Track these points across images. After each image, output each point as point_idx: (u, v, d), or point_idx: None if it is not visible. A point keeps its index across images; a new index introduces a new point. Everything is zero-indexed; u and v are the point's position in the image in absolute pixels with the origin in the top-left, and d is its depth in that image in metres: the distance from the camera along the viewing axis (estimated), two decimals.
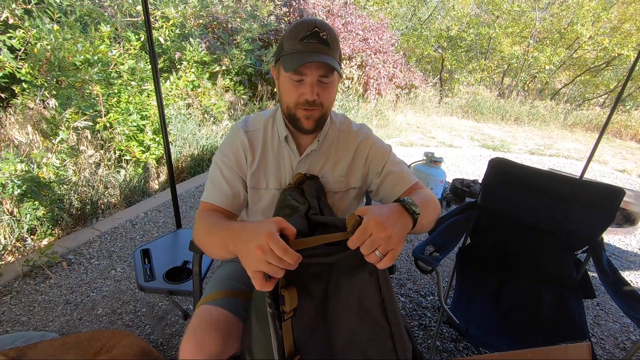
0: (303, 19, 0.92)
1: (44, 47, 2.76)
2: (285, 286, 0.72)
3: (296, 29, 0.88)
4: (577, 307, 1.48)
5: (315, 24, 0.88)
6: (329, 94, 0.94)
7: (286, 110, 0.96)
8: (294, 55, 0.88)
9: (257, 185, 1.03)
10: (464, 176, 4.18)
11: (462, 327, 1.38)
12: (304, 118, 0.94)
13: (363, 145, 1.06)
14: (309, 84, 0.89)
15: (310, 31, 0.87)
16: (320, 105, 0.93)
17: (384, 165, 1.05)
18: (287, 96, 0.93)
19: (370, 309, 0.74)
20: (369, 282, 0.74)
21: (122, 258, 2.21)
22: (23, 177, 2.12)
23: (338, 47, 0.93)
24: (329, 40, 0.89)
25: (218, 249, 0.83)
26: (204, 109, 4.21)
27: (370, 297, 0.74)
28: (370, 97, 6.70)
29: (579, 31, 8.80)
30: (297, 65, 0.86)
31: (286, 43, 0.90)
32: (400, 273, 2.33)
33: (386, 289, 0.74)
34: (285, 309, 0.71)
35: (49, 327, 1.68)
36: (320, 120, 0.96)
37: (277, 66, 0.95)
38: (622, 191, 1.42)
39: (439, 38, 9.90)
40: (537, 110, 8.44)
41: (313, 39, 0.87)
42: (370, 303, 0.74)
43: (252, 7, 4.87)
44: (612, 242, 3.10)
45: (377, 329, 0.74)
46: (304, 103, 0.91)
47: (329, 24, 0.92)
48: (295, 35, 0.88)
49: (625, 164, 5.87)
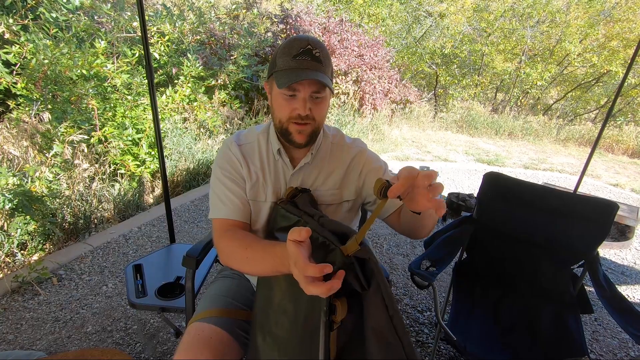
0: (296, 36, 0.94)
1: (40, 62, 2.77)
2: (337, 296, 0.72)
3: (289, 46, 0.90)
4: (576, 323, 1.47)
5: (308, 41, 0.90)
6: (321, 109, 0.95)
7: (278, 124, 0.96)
8: (287, 72, 0.89)
9: (256, 198, 1.03)
10: (459, 190, 4.19)
11: (460, 344, 1.35)
12: (296, 132, 0.94)
13: (357, 159, 1.06)
14: (302, 99, 0.90)
15: (303, 48, 0.89)
16: (313, 120, 0.93)
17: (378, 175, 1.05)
18: (279, 111, 0.94)
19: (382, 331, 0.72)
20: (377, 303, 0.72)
21: (114, 273, 2.17)
22: (15, 191, 2.09)
23: (330, 64, 0.95)
24: (321, 58, 0.90)
25: (262, 269, 0.82)
26: (200, 123, 4.22)
27: (380, 318, 0.72)
28: (366, 111, 6.77)
29: (568, 48, 9.03)
30: (291, 82, 0.87)
31: (279, 60, 0.91)
32: (397, 288, 2.31)
33: (391, 305, 0.72)
34: (336, 319, 0.71)
35: (36, 346, 1.63)
36: (313, 135, 0.97)
37: (270, 82, 0.96)
38: (616, 205, 1.43)
39: (433, 55, 10.10)
40: (530, 125, 8.57)
41: (306, 56, 0.89)
42: (381, 325, 0.72)
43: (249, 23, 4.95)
44: (607, 256, 3.10)
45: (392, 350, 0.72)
46: (296, 117, 0.92)
47: (320, 42, 0.94)
48: (288, 52, 0.89)
49: (618, 178, 5.93)
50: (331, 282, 0.59)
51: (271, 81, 0.95)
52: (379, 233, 3.03)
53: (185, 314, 1.16)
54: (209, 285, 1.18)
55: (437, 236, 1.62)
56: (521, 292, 1.59)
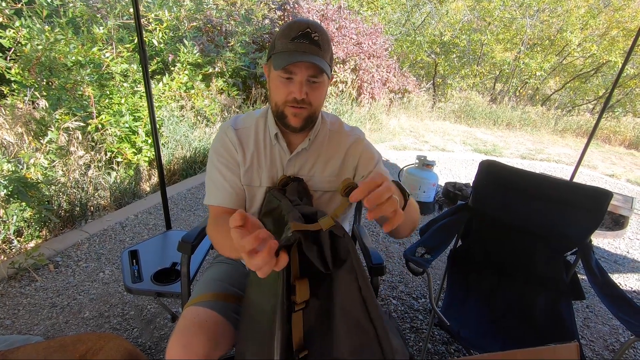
0: (296, 19, 0.93)
1: (34, 48, 2.73)
2: (298, 277, 0.71)
3: (289, 28, 0.89)
4: (568, 309, 1.49)
5: (308, 24, 0.89)
6: (319, 94, 0.94)
7: (275, 107, 0.96)
8: (284, 54, 0.88)
9: (251, 183, 1.03)
10: (456, 180, 4.21)
11: (453, 329, 1.38)
12: (291, 115, 0.94)
13: (354, 147, 1.06)
14: (298, 83, 0.90)
15: (302, 31, 0.88)
16: (309, 105, 0.93)
17: (370, 172, 1.06)
18: (276, 93, 0.94)
19: (352, 310, 0.71)
20: (350, 282, 0.71)
21: (110, 260, 2.18)
22: (10, 177, 2.08)
23: (329, 48, 0.93)
24: (320, 42, 0.89)
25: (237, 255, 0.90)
26: (197, 111, 4.18)
27: (351, 298, 0.71)
28: (364, 101, 6.73)
29: (568, 38, 8.96)
30: (287, 64, 0.86)
31: (278, 42, 0.90)
32: (392, 275, 2.33)
33: (366, 288, 0.71)
34: (296, 300, 0.70)
35: (33, 331, 1.64)
36: (309, 119, 0.96)
37: (269, 64, 0.95)
38: (609, 193, 1.44)
39: (432, 44, 10.02)
40: (529, 116, 8.56)
41: (304, 40, 0.88)
42: (352, 304, 0.71)
43: (247, 10, 4.87)
44: (601, 245, 3.14)
45: (362, 332, 0.70)
46: (292, 101, 0.92)
47: (321, 26, 0.92)
48: (287, 35, 0.89)
49: (614, 168, 5.96)
50: (265, 251, 0.55)
51: (269, 63, 0.94)
52: (375, 222, 3.04)
53: (181, 299, 1.17)
54: (205, 270, 1.18)
55: (432, 224, 1.63)
56: (515, 279, 1.61)
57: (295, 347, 0.69)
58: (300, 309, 0.71)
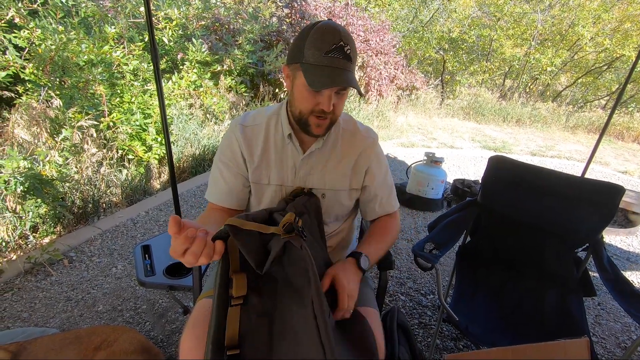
0: (325, 24, 0.87)
1: (48, 48, 2.78)
2: (237, 271, 0.73)
3: (321, 38, 0.85)
4: (578, 306, 1.48)
5: (341, 36, 0.85)
6: (342, 103, 0.95)
7: (298, 114, 0.95)
8: (318, 70, 0.85)
9: (259, 181, 1.05)
10: (464, 177, 4.18)
11: (461, 325, 1.37)
12: (315, 126, 0.94)
13: (369, 150, 1.07)
14: (327, 97, 0.89)
15: (336, 45, 0.85)
16: (333, 114, 0.93)
17: (374, 182, 1.08)
18: (301, 102, 0.92)
19: (295, 326, 0.71)
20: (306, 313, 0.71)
21: (123, 256, 2.22)
22: (26, 174, 2.13)
23: (357, 56, 0.92)
24: (352, 55, 0.88)
25: None
26: (206, 109, 4.22)
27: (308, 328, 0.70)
28: (372, 98, 6.72)
29: (580, 32, 8.80)
30: (325, 87, 0.85)
31: (308, 52, 0.86)
32: (401, 272, 2.33)
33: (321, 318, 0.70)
34: (233, 294, 0.71)
35: (49, 324, 1.68)
36: (330, 126, 0.97)
37: (294, 69, 0.91)
38: (621, 189, 1.42)
39: (441, 40, 9.93)
40: (539, 112, 8.43)
41: (338, 54, 0.85)
42: (298, 322, 0.71)
43: (254, 8, 4.89)
44: (613, 242, 3.09)
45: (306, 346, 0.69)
46: (319, 111, 0.91)
47: (349, 34, 0.89)
48: (319, 47, 0.85)
49: (627, 165, 5.86)
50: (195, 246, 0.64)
51: (295, 69, 0.90)
52: None
53: (193, 292, 1.19)
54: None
55: (440, 219, 1.63)
56: (525, 275, 1.60)
57: (227, 343, 0.68)
58: (238, 304, 0.71)
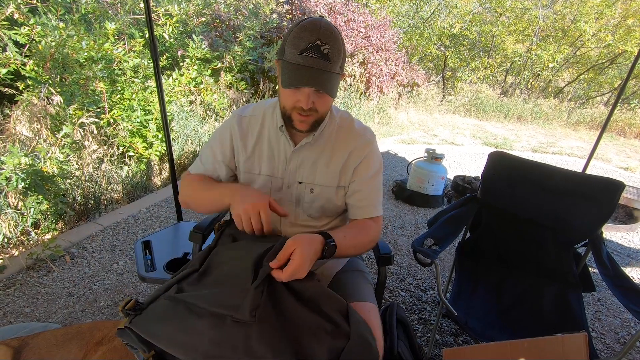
0: (308, 21, 0.86)
1: (48, 44, 2.78)
2: None
3: (299, 36, 0.84)
4: (578, 302, 1.48)
5: (319, 35, 0.84)
6: (325, 101, 0.93)
7: (282, 109, 0.96)
8: (292, 67, 0.86)
9: (251, 170, 1.07)
10: (465, 173, 4.17)
11: (461, 320, 1.38)
12: (298, 121, 0.94)
13: (361, 149, 1.05)
14: (305, 95, 0.89)
15: (312, 44, 0.83)
16: (316, 111, 0.93)
17: (357, 179, 1.06)
18: (283, 98, 0.94)
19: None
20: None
21: (124, 252, 2.23)
22: (27, 170, 2.14)
23: (340, 57, 0.88)
24: (330, 54, 0.85)
25: (210, 203, 1.02)
26: (206, 106, 4.22)
27: None
28: (372, 94, 6.70)
29: (583, 28, 8.75)
30: (293, 87, 0.86)
31: (287, 49, 0.86)
32: (401, 268, 2.34)
33: None
34: None
35: (51, 319, 1.70)
36: (315, 124, 0.97)
37: (279, 65, 0.93)
38: (621, 184, 1.42)
39: (442, 36, 9.88)
40: (541, 109, 8.41)
41: (313, 54, 0.83)
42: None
43: (255, 5, 4.88)
44: (614, 239, 3.09)
45: None
46: (299, 109, 0.91)
47: (333, 33, 0.86)
48: (296, 44, 0.84)
49: (628, 161, 5.84)
50: None
51: (279, 65, 0.92)
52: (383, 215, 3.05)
53: None
54: None
55: (440, 215, 1.63)
56: (524, 270, 1.60)
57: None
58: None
